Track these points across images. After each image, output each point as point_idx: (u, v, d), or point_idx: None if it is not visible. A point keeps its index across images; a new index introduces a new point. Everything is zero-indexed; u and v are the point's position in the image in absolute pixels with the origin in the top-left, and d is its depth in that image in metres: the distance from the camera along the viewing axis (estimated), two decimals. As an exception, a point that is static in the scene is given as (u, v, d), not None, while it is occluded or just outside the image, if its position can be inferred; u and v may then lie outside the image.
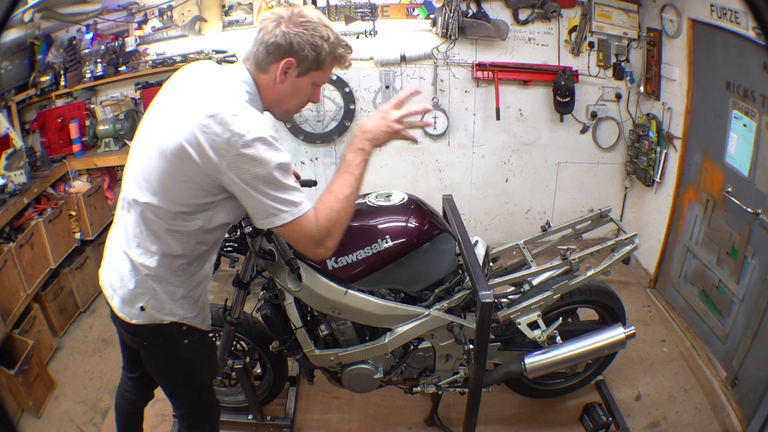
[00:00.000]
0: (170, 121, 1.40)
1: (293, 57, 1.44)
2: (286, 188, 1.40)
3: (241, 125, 1.33)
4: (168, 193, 1.42)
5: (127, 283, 1.56)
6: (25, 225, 2.90)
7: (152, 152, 1.42)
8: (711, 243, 2.90)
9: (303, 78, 1.49)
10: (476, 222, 4.01)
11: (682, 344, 3.04)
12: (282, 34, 1.41)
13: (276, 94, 1.51)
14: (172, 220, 1.46)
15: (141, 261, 1.53)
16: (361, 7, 3.39)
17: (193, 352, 1.70)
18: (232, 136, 1.32)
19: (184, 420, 1.92)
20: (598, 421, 2.47)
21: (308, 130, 3.69)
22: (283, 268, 2.02)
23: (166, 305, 1.58)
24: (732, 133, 2.69)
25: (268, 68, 1.46)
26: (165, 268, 1.54)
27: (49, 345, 2.98)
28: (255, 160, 1.34)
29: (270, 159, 1.35)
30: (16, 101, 3.12)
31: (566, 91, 3.52)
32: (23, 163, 2.95)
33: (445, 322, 2.15)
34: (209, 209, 1.47)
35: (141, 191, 1.46)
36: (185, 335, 1.65)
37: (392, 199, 2.15)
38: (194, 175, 1.38)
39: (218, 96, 1.39)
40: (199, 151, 1.34)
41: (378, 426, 2.62)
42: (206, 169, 1.36)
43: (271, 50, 1.43)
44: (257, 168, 1.34)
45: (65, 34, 3.40)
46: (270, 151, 1.36)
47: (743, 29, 2.46)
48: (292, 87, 1.50)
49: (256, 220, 1.44)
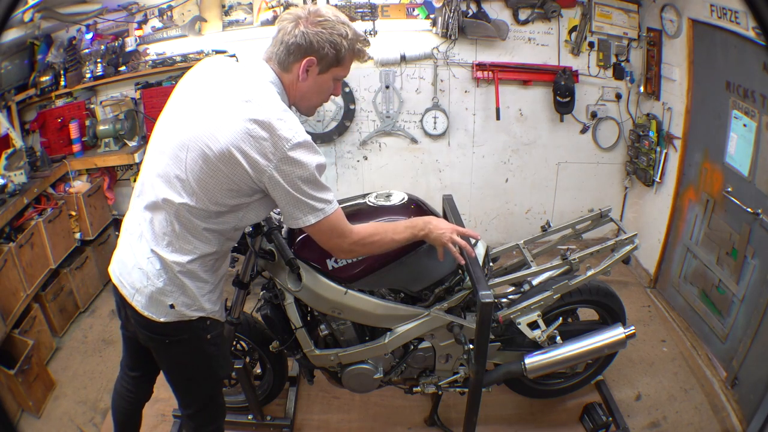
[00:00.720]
0: (210, 123, 1.43)
1: (314, 56, 1.50)
2: (324, 188, 1.52)
3: (287, 130, 1.42)
4: (207, 194, 1.47)
5: (154, 281, 1.57)
6: (25, 225, 2.90)
7: (191, 153, 1.45)
8: (711, 243, 2.90)
9: (324, 75, 1.56)
10: (476, 222, 4.01)
11: (682, 344, 3.04)
12: (301, 35, 1.47)
13: (300, 92, 1.57)
14: (207, 219, 1.52)
15: (173, 259, 1.55)
16: (361, 7, 3.39)
17: (214, 347, 1.74)
18: (279, 141, 1.41)
19: (191, 420, 1.92)
20: (598, 421, 2.47)
21: (308, 130, 3.66)
22: (283, 268, 2.02)
23: (195, 301, 1.62)
24: (732, 133, 2.69)
25: (291, 68, 1.52)
26: (198, 264, 1.58)
27: (49, 345, 2.98)
28: (299, 162, 1.43)
29: (311, 161, 1.45)
30: (16, 101, 3.12)
31: (566, 91, 3.52)
32: (23, 163, 2.95)
33: (445, 322, 2.15)
34: (242, 209, 1.54)
35: (175, 191, 1.48)
36: (209, 330, 1.69)
37: (392, 199, 2.15)
38: (239, 179, 1.44)
39: (262, 100, 1.45)
40: (246, 155, 1.41)
41: (378, 426, 2.62)
42: (252, 172, 1.43)
43: (292, 50, 1.49)
44: (301, 170, 1.44)
45: (65, 34, 3.40)
46: (311, 154, 1.46)
47: (743, 29, 2.46)
48: (315, 84, 1.57)
49: (293, 219, 1.52)
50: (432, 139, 3.74)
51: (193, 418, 1.91)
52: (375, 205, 2.14)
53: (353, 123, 3.69)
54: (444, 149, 3.79)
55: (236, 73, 1.54)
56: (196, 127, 1.45)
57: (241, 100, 1.44)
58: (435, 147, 3.78)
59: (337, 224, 1.58)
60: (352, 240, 1.62)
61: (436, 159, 3.82)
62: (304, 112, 1.68)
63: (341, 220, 1.59)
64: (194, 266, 1.57)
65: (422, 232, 1.79)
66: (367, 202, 2.16)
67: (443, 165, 3.84)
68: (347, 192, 3.77)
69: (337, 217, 1.57)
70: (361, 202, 2.17)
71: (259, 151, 1.40)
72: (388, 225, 1.77)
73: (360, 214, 2.12)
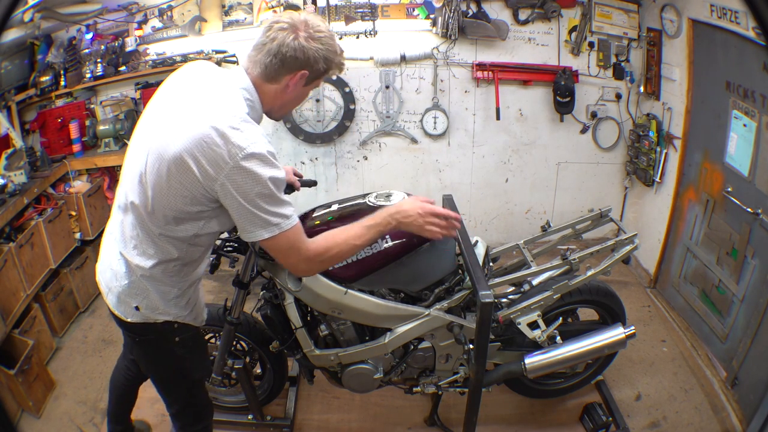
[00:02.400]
0: (170, 128, 1.41)
1: (308, 69, 1.49)
2: (280, 202, 1.44)
3: (243, 139, 1.36)
4: (162, 199, 1.44)
5: (122, 282, 1.60)
6: (25, 225, 2.90)
7: (150, 156, 1.43)
8: (711, 243, 2.90)
9: (308, 86, 1.57)
10: (476, 222, 4.01)
11: (682, 344, 3.04)
12: (301, 48, 1.45)
13: (282, 101, 1.56)
14: (164, 225, 1.49)
15: (137, 262, 1.55)
16: (361, 7, 3.39)
17: (184, 349, 1.73)
18: (233, 149, 1.35)
19: (176, 419, 1.93)
20: (598, 421, 2.47)
21: (308, 130, 3.69)
22: (283, 268, 2.02)
23: (159, 305, 1.62)
24: (732, 133, 2.69)
25: (281, 78, 1.50)
26: (160, 270, 1.56)
27: (49, 345, 2.98)
28: (252, 173, 1.36)
29: (265, 173, 1.38)
30: (16, 101, 3.12)
31: (566, 91, 3.52)
32: (23, 163, 2.95)
33: (445, 322, 2.15)
34: (201, 218, 1.50)
35: (136, 194, 1.48)
36: (177, 333, 1.68)
37: (392, 199, 2.15)
38: (190, 185, 1.40)
39: (220, 107, 1.41)
40: (197, 162, 1.36)
41: (378, 426, 2.62)
42: (203, 180, 1.38)
43: (288, 62, 1.46)
44: (253, 182, 1.37)
45: (65, 34, 3.40)
46: (266, 166, 1.38)
47: (743, 29, 2.46)
48: (299, 94, 1.58)
49: (245, 232, 1.46)
50: (432, 139, 3.74)
51: (177, 418, 1.92)
52: (375, 205, 2.13)
53: (353, 123, 3.69)
54: (444, 149, 3.79)
55: (206, 80, 1.52)
56: (158, 132, 1.44)
57: (202, 106, 1.42)
58: (435, 147, 3.78)
59: (294, 241, 1.49)
60: (309, 257, 1.52)
61: (436, 159, 3.82)
62: (277, 118, 1.67)
63: (299, 237, 1.50)
64: (157, 272, 1.56)
65: (389, 226, 1.64)
66: (367, 202, 2.15)
67: (443, 165, 3.84)
68: (347, 192, 3.78)
69: (294, 234, 1.48)
70: (361, 202, 2.17)
71: (212, 158, 1.35)
72: (346, 232, 1.61)
73: (359, 215, 2.12)
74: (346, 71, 3.55)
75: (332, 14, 3.40)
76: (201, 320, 1.79)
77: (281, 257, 1.54)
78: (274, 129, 3.71)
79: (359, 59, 3.52)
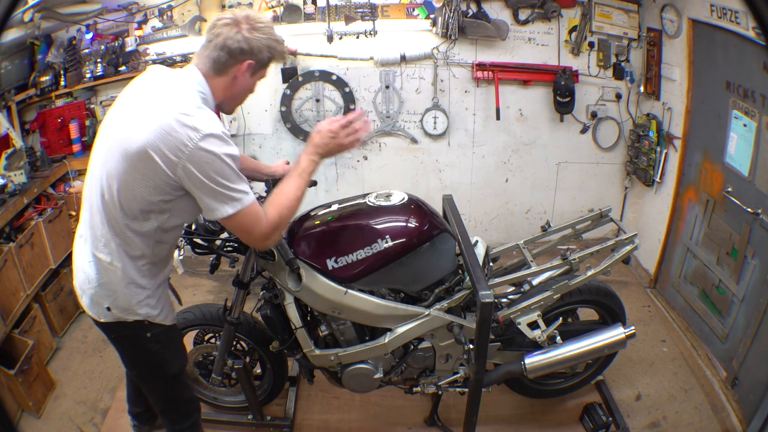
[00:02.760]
0: (132, 125, 1.50)
1: (253, 59, 1.58)
2: (238, 179, 1.53)
3: (199, 122, 1.47)
4: (128, 192, 1.52)
5: (93, 284, 1.67)
6: (25, 225, 2.90)
7: (115, 154, 1.51)
8: (711, 243, 2.90)
9: (254, 76, 1.65)
10: (476, 222, 4.01)
11: (682, 344, 3.04)
12: (245, 39, 1.55)
13: (231, 93, 1.64)
14: (131, 220, 1.57)
15: (108, 261, 1.62)
16: (361, 7, 3.39)
17: (157, 344, 1.78)
18: (190, 133, 1.45)
19: (163, 416, 1.99)
20: (598, 421, 2.48)
21: (308, 130, 3.69)
22: (283, 268, 2.02)
23: (130, 305, 1.68)
24: (732, 133, 2.69)
25: (228, 70, 1.58)
26: (131, 268, 1.64)
27: (49, 345, 2.98)
28: (211, 152, 1.47)
29: (223, 151, 1.48)
30: (16, 101, 3.12)
31: (566, 91, 3.52)
32: (23, 163, 2.95)
33: (445, 322, 2.15)
34: (165, 211, 1.58)
35: (104, 191, 1.56)
36: (148, 329, 1.74)
37: (392, 199, 2.15)
38: (154, 175, 1.49)
39: (175, 99, 1.52)
40: (159, 152, 1.45)
41: (378, 426, 2.62)
42: (166, 168, 1.47)
43: (235, 53, 1.56)
44: (213, 160, 1.47)
45: (65, 34, 3.40)
46: (223, 145, 1.49)
47: (743, 29, 2.46)
48: (246, 85, 1.65)
49: (211, 211, 1.54)
50: (432, 139, 3.74)
51: (164, 415, 1.98)
52: (375, 205, 2.14)
53: (353, 123, 3.68)
54: (444, 149, 3.79)
55: (162, 79, 1.61)
56: (121, 130, 1.53)
57: (159, 101, 1.52)
58: (435, 147, 3.78)
59: (256, 214, 1.58)
60: (268, 229, 1.61)
61: (436, 159, 3.82)
62: (228, 111, 1.73)
63: (258, 210, 1.59)
64: (127, 270, 1.63)
65: (316, 164, 1.74)
66: (367, 202, 2.16)
67: (443, 165, 3.84)
68: (347, 192, 3.78)
69: (255, 208, 1.57)
70: (361, 202, 2.17)
71: (172, 145, 1.44)
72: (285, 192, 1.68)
73: (360, 214, 2.12)
74: (346, 71, 3.55)
75: (332, 14, 3.40)
76: (171, 320, 1.84)
77: (246, 233, 1.62)
78: (274, 129, 3.71)
79: (359, 59, 3.52)
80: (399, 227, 2.06)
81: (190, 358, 2.50)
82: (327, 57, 3.51)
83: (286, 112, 3.63)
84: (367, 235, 2.03)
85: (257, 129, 3.72)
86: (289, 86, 3.56)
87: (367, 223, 2.06)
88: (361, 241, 2.02)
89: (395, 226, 2.06)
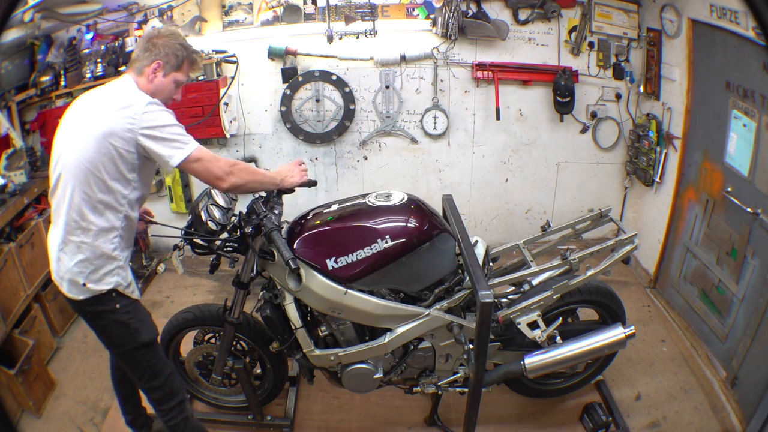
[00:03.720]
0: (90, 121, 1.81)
1: (160, 60, 1.90)
2: (183, 129, 1.84)
3: (138, 99, 1.82)
4: (97, 171, 1.77)
5: (69, 265, 1.85)
6: (25, 225, 2.90)
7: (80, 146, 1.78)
8: (711, 243, 2.91)
9: (167, 78, 1.93)
10: (476, 222, 4.01)
11: (682, 344, 3.04)
12: (153, 44, 1.90)
13: (150, 91, 1.90)
14: (102, 195, 1.80)
15: (81, 239, 1.83)
16: (361, 7, 3.39)
17: (126, 314, 1.95)
18: (135, 107, 1.78)
19: (150, 400, 2.14)
20: (598, 421, 2.48)
21: (308, 130, 3.69)
22: (283, 268, 2.02)
23: (102, 276, 1.87)
24: (732, 133, 2.69)
25: (144, 71, 1.91)
26: (104, 241, 1.85)
27: (49, 345, 2.98)
28: (157, 112, 1.80)
29: (165, 111, 1.83)
30: (16, 101, 3.13)
31: (566, 91, 3.52)
32: (23, 163, 2.95)
33: (445, 322, 2.15)
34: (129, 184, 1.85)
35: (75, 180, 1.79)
36: (116, 300, 1.92)
37: (392, 199, 2.15)
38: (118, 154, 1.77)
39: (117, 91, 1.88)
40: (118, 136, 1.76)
41: (378, 426, 2.62)
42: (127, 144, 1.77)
43: (145, 56, 1.90)
44: (161, 117, 1.80)
45: (65, 34, 3.40)
46: (162, 109, 1.83)
47: (743, 29, 2.46)
48: (160, 85, 1.93)
49: (172, 159, 1.79)
50: (432, 139, 3.74)
51: (150, 396, 2.12)
52: (375, 205, 2.14)
53: (353, 123, 3.69)
54: (444, 149, 3.79)
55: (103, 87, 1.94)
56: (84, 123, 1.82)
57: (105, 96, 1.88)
58: (435, 147, 3.78)
59: (210, 153, 1.87)
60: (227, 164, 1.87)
61: (436, 159, 3.82)
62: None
63: (209, 151, 1.88)
64: (102, 245, 1.84)
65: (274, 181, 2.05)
66: (367, 202, 2.16)
67: (443, 165, 3.84)
68: (347, 192, 3.78)
69: (206, 150, 1.86)
70: (361, 202, 2.17)
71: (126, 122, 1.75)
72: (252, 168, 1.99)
73: (360, 215, 2.12)
74: (346, 71, 3.55)
75: (332, 14, 3.40)
76: (137, 295, 2.00)
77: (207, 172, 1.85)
78: (274, 129, 3.72)
79: (359, 59, 3.53)
80: (399, 227, 2.06)
81: (191, 358, 2.51)
82: (327, 57, 3.51)
83: (286, 112, 3.63)
84: (367, 235, 2.03)
85: (257, 129, 3.72)
86: (289, 86, 3.56)
87: (367, 223, 2.07)
88: (361, 241, 2.02)
89: (395, 226, 2.06)
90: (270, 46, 3.48)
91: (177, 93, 2.02)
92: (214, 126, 3.49)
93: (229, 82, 3.49)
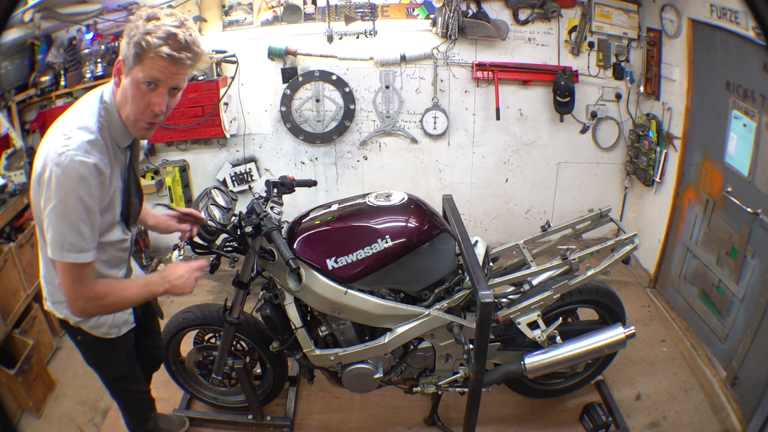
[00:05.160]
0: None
1: (121, 56, 1.44)
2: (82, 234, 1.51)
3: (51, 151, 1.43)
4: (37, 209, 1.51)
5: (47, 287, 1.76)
6: (25, 225, 2.90)
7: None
8: (711, 243, 2.91)
9: (128, 78, 1.44)
10: (476, 222, 4.01)
11: (682, 344, 3.04)
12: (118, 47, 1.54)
13: (119, 102, 1.51)
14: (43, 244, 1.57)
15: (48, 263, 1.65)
16: (361, 7, 3.38)
17: (89, 349, 1.85)
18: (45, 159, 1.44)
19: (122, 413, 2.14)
20: (598, 421, 2.48)
21: (308, 130, 3.69)
22: (283, 268, 2.02)
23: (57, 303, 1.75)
24: (732, 133, 2.69)
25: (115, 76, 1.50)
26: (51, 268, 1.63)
27: (49, 345, 2.98)
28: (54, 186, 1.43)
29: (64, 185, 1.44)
30: (16, 101, 3.12)
31: (566, 91, 3.52)
32: (23, 163, 2.95)
33: (445, 322, 2.15)
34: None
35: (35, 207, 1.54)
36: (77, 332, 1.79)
37: (392, 199, 2.15)
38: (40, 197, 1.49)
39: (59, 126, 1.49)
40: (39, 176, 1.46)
41: (378, 426, 2.62)
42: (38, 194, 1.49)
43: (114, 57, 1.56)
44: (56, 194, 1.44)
45: (65, 34, 3.40)
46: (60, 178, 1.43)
47: (743, 29, 2.46)
48: (124, 89, 1.47)
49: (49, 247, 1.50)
50: (432, 139, 3.74)
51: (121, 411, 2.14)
52: (375, 205, 2.14)
53: (353, 123, 3.69)
54: (444, 149, 3.79)
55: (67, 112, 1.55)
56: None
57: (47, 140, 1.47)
58: (435, 147, 3.78)
59: (80, 271, 1.49)
60: (88, 296, 1.52)
61: (436, 159, 3.82)
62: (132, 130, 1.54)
63: (91, 274, 1.52)
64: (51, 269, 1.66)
65: (161, 288, 1.67)
66: (367, 202, 2.16)
67: (443, 165, 3.84)
68: (347, 192, 3.78)
69: (89, 269, 1.50)
70: (361, 202, 2.17)
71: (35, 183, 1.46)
72: (125, 288, 1.63)
73: (360, 214, 2.12)
74: (346, 71, 3.55)
75: (332, 14, 3.40)
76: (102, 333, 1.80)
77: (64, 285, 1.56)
78: (274, 129, 3.72)
79: (359, 59, 3.52)
80: (399, 227, 2.06)
81: (191, 358, 2.51)
82: (327, 57, 3.51)
83: (286, 112, 3.63)
84: (367, 235, 2.03)
85: (257, 129, 3.72)
86: (289, 86, 3.56)
87: (367, 223, 2.07)
88: (361, 241, 2.02)
89: (395, 226, 2.06)
90: (270, 46, 3.48)
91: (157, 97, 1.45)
92: (214, 126, 3.49)
93: (229, 82, 3.49)
